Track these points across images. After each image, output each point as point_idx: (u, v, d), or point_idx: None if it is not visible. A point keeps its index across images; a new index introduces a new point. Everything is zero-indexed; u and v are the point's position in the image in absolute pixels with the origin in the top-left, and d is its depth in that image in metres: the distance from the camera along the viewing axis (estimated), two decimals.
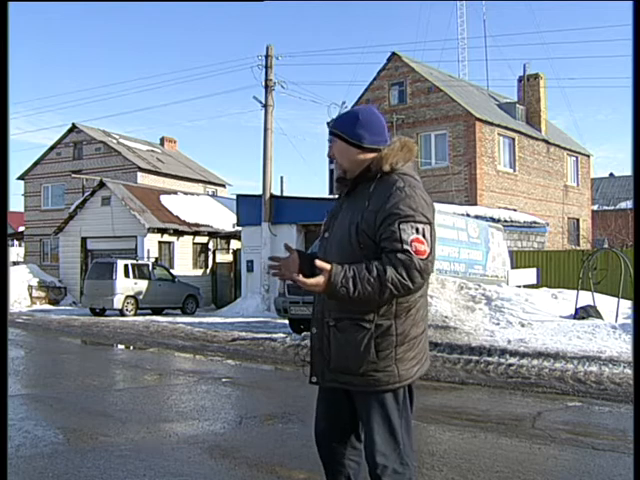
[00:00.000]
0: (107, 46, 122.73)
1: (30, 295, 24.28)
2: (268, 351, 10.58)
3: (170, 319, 17.54)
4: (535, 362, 8.23)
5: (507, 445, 4.81)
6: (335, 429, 2.58)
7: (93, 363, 9.93)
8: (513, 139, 26.53)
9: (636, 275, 10.42)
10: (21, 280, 24.17)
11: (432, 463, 4.31)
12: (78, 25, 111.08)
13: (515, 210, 24.23)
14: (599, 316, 10.75)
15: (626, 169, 44.28)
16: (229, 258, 25.20)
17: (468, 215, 17.04)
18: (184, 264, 24.81)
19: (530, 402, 6.52)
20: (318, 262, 2.25)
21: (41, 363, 9.93)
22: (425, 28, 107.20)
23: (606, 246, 19.03)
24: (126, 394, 7.08)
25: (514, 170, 26.48)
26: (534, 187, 27.56)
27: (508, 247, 17.01)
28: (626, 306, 11.42)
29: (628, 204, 34.40)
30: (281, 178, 30.75)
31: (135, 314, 19.53)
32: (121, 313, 19.35)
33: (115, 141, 31.55)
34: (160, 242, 24.18)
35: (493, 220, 17.97)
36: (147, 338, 13.06)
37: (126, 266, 19.97)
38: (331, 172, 26.89)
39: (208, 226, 25.91)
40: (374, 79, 26.80)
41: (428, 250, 2.29)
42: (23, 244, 33.54)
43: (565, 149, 30.24)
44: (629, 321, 10.16)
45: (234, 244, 25.57)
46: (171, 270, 22.59)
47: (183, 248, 25.03)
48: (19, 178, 32.51)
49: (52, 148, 31.77)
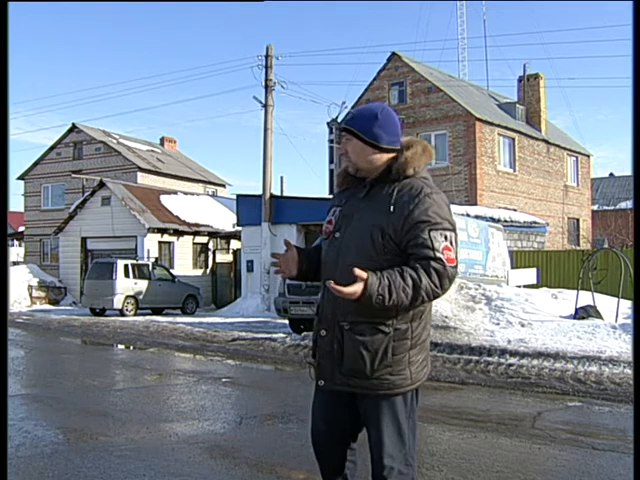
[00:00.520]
0: (107, 46, 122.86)
1: (30, 295, 24.27)
2: (268, 351, 10.57)
3: (170, 319, 17.54)
4: (535, 362, 8.24)
5: (507, 445, 4.81)
6: (334, 431, 2.55)
7: (93, 363, 9.93)
8: (513, 139, 26.53)
9: (636, 275, 10.42)
10: (21, 280, 24.17)
11: (432, 463, 4.30)
12: (78, 25, 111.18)
13: (515, 210, 24.22)
14: (599, 316, 10.75)
15: (626, 169, 44.33)
16: (229, 258, 25.20)
17: (468, 215, 17.03)
18: (184, 264, 24.81)
19: (530, 402, 6.52)
20: (357, 271, 2.17)
21: (41, 363, 9.93)
22: (425, 28, 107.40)
23: (606, 246, 19.02)
24: (126, 394, 7.08)
25: (514, 170, 26.48)
26: (534, 187, 27.56)
27: (508, 247, 17.00)
28: (626, 306, 11.42)
29: (628, 204, 34.39)
30: (281, 178, 30.78)
31: (135, 314, 19.53)
32: (121, 313, 19.35)
33: (115, 141, 31.55)
34: (160, 242, 24.18)
35: (493, 220, 17.97)
36: (147, 338, 13.06)
37: (126, 266, 19.97)
38: (331, 172, 26.87)
39: (208, 226, 25.91)
40: (374, 79, 26.80)
41: (455, 257, 2.31)
42: (23, 244, 33.53)
43: (565, 149, 30.24)
44: (629, 321, 10.16)
45: (234, 244, 25.57)
46: (171, 270, 22.58)
47: (183, 248, 25.03)
48: (19, 178, 32.50)
49: (52, 148, 31.77)
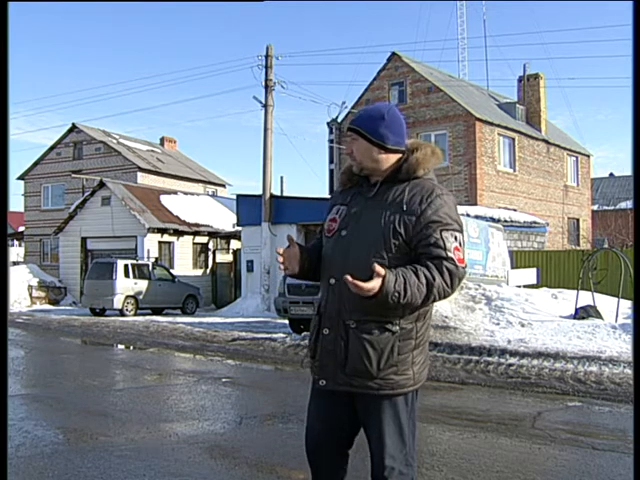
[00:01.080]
0: (107, 46, 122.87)
1: (30, 295, 24.27)
2: (268, 351, 10.58)
3: (170, 319, 17.54)
4: (535, 362, 8.24)
5: (507, 445, 4.81)
6: (331, 434, 2.52)
7: (93, 363, 9.93)
8: (513, 139, 26.53)
9: (636, 275, 10.42)
10: (21, 280, 24.16)
11: (432, 463, 4.30)
12: (78, 25, 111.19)
13: (515, 210, 24.22)
14: (599, 316, 10.75)
15: (626, 169, 44.28)
16: (229, 258, 25.20)
17: (468, 215, 17.03)
18: (184, 264, 24.80)
19: (530, 402, 6.52)
20: (377, 267, 2.17)
21: (41, 363, 9.93)
22: (425, 28, 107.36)
23: (606, 246, 19.01)
24: (126, 394, 7.08)
25: (514, 170, 26.48)
26: (534, 187, 27.56)
27: (508, 247, 17.00)
28: (626, 306, 11.42)
29: (628, 204, 34.38)
30: (281, 178, 30.78)
31: (135, 314, 19.52)
32: (121, 313, 19.34)
33: (115, 141, 31.55)
34: (160, 242, 24.17)
35: (493, 220, 17.97)
36: (147, 338, 13.06)
37: (126, 266, 19.97)
38: (331, 172, 26.89)
39: (208, 226, 25.91)
40: (374, 79, 26.80)
41: (464, 258, 2.35)
42: (23, 244, 33.53)
43: (565, 149, 30.24)
44: (629, 321, 10.16)
45: (234, 244, 25.57)
46: (171, 270, 22.58)
47: (183, 248, 25.02)
48: (19, 178, 32.49)
49: (52, 148, 31.76)
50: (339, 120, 26.43)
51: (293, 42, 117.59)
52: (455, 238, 2.33)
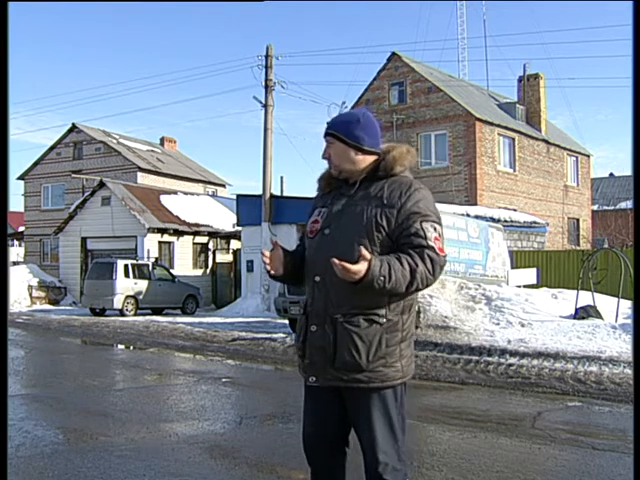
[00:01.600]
0: (107, 46, 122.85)
1: (30, 295, 24.27)
2: (268, 351, 10.58)
3: (170, 319, 17.54)
4: (535, 362, 8.24)
5: (507, 445, 4.81)
6: (325, 434, 2.56)
7: (93, 363, 9.93)
8: (513, 139, 26.53)
9: (636, 275, 10.42)
10: (21, 280, 24.16)
11: (432, 463, 4.30)
12: (78, 25, 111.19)
13: (515, 210, 24.22)
14: (599, 316, 10.75)
15: (626, 169, 44.29)
16: (229, 258, 25.20)
17: (468, 215, 17.04)
18: (184, 264, 24.80)
19: (530, 402, 6.52)
20: (363, 250, 2.24)
21: (41, 363, 9.93)
22: (425, 28, 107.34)
23: (606, 246, 19.02)
24: (126, 394, 7.08)
25: (514, 170, 26.47)
26: (534, 187, 27.55)
27: (508, 247, 17.01)
28: (626, 306, 11.43)
29: (628, 204, 34.39)
30: (281, 178, 30.85)
31: (135, 314, 19.52)
32: (121, 313, 19.34)
33: (115, 141, 31.55)
34: (160, 242, 24.17)
35: (493, 220, 17.98)
36: (147, 338, 13.06)
37: (126, 266, 19.97)
38: None
39: (208, 226, 25.91)
40: (374, 79, 26.79)
41: (444, 248, 2.43)
42: (23, 244, 33.53)
43: (565, 149, 30.24)
44: (629, 321, 10.16)
45: (234, 244, 25.57)
46: (171, 270, 22.57)
47: (183, 248, 25.02)
48: (19, 178, 32.50)
49: (52, 148, 31.76)
50: None
51: (293, 42, 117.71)
52: (434, 229, 2.41)
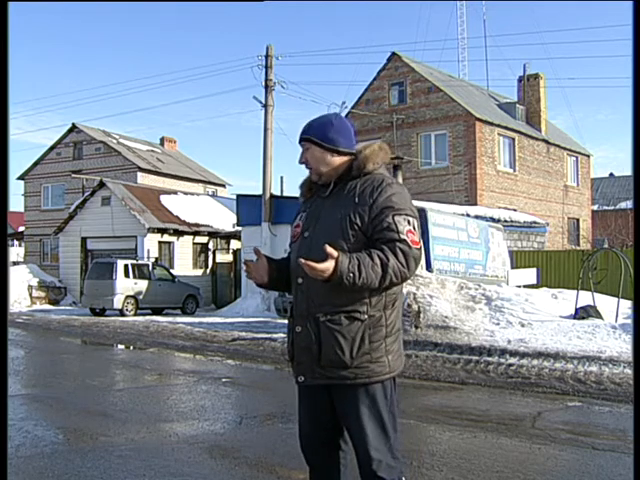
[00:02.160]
0: (107, 46, 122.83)
1: (30, 295, 24.27)
2: (268, 351, 10.57)
3: (170, 319, 17.54)
4: (535, 362, 8.23)
5: (507, 445, 4.81)
6: (319, 433, 2.58)
7: (93, 363, 9.93)
8: (513, 139, 26.53)
9: (636, 275, 10.42)
10: (21, 280, 24.16)
11: (432, 463, 4.30)
12: (78, 25, 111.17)
13: (515, 210, 24.23)
14: (599, 316, 10.75)
15: (626, 169, 44.31)
16: (229, 258, 25.19)
17: (468, 215, 17.05)
18: (184, 264, 24.80)
19: (530, 402, 6.52)
20: (329, 248, 2.26)
21: (41, 363, 9.93)
22: (425, 28, 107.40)
23: (606, 246, 19.02)
24: (126, 394, 7.08)
25: (514, 170, 26.47)
26: (534, 187, 27.55)
27: (508, 247, 17.02)
28: (626, 306, 11.42)
29: (628, 204, 34.41)
30: (281, 178, 30.93)
31: (135, 314, 19.52)
32: (121, 313, 19.34)
33: (115, 141, 31.55)
34: (160, 242, 24.17)
35: (493, 220, 17.99)
36: (147, 338, 13.06)
37: (126, 266, 19.97)
38: None
39: (208, 226, 25.91)
40: (374, 79, 26.80)
41: (419, 241, 2.44)
42: (23, 244, 33.53)
43: (565, 149, 30.24)
44: (629, 321, 10.16)
45: (234, 244, 25.57)
46: (171, 270, 22.58)
47: (183, 248, 25.02)
48: (19, 178, 32.50)
49: (52, 148, 31.76)
50: None
51: (293, 42, 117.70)
52: (408, 222, 2.42)
